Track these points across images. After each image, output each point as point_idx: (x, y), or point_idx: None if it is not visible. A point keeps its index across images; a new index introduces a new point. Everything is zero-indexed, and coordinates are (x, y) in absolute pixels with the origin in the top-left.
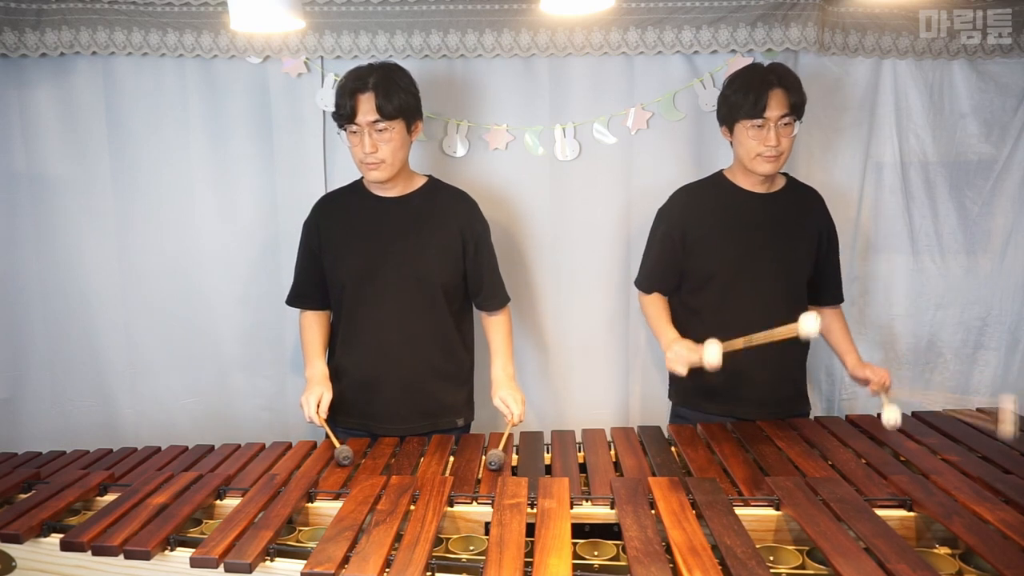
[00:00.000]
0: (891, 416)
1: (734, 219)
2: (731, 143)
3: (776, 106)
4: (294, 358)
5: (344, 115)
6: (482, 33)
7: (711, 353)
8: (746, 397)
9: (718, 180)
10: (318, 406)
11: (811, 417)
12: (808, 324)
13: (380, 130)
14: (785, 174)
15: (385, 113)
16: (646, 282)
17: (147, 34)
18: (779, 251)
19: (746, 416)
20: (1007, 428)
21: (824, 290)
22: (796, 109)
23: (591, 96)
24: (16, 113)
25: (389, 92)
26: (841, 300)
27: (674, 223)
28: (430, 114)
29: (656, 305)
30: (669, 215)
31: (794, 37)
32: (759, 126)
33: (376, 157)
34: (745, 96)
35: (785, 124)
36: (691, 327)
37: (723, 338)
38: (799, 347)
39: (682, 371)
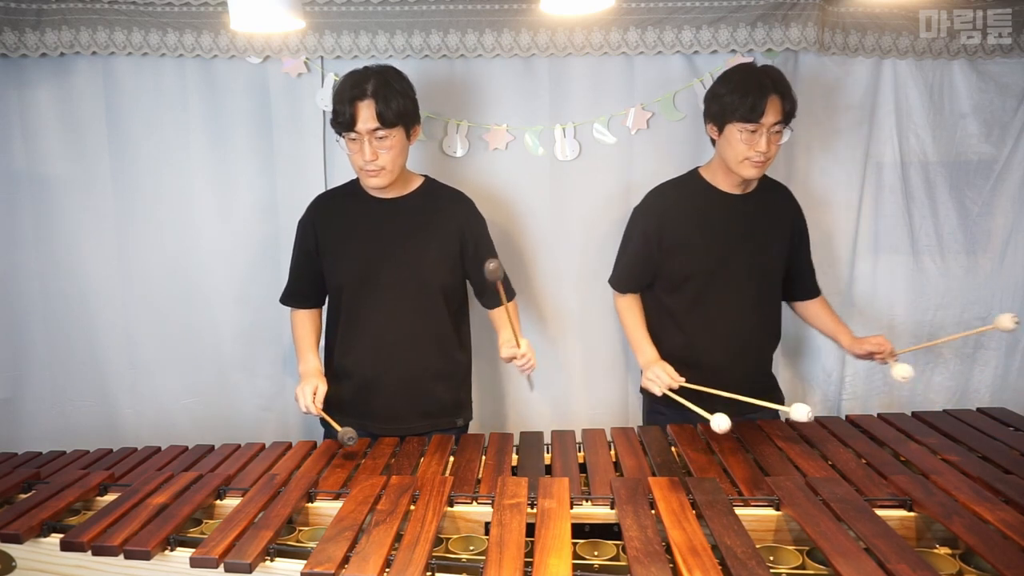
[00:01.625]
0: (902, 371)
1: (711, 221)
2: (714, 141)
3: (772, 113)
4: (294, 358)
5: (343, 123)
6: (482, 33)
7: (720, 422)
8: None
9: (694, 179)
10: (314, 396)
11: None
12: (800, 412)
13: (380, 138)
14: None
15: (385, 121)
16: (621, 282)
17: (147, 34)
18: (754, 252)
19: (723, 410)
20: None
21: (800, 285)
22: (788, 117)
23: (591, 96)
24: (16, 113)
25: (388, 98)
26: (818, 293)
27: (651, 223)
28: (430, 114)
29: (632, 312)
30: (646, 214)
31: (794, 37)
32: (752, 131)
33: (376, 165)
34: (742, 99)
35: (776, 131)
36: (665, 327)
37: (698, 338)
38: (773, 343)
39: (657, 393)
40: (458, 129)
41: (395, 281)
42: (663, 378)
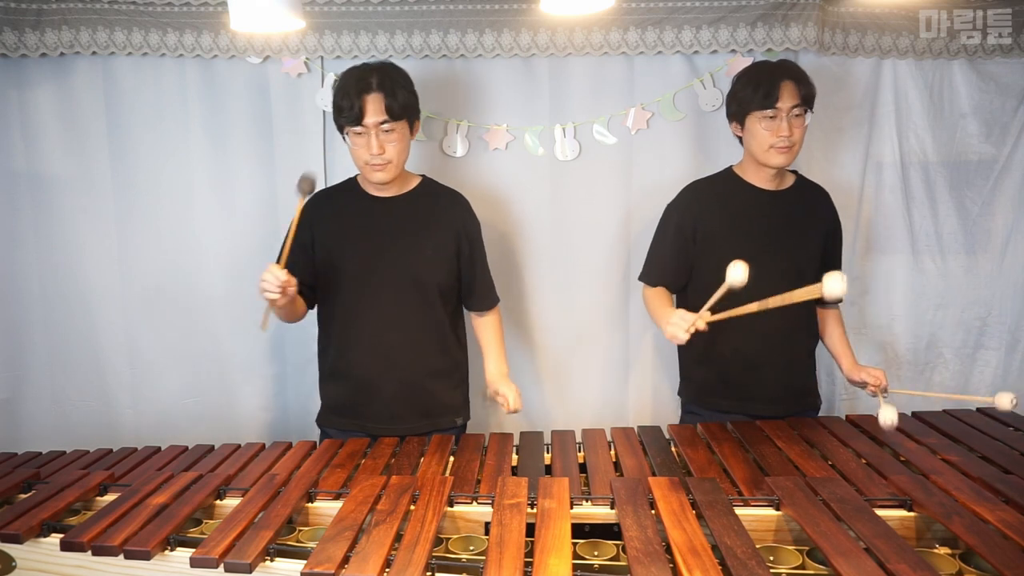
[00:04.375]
0: (888, 416)
1: (743, 217)
2: (740, 140)
3: (788, 97)
4: (294, 358)
5: (350, 117)
6: (482, 33)
7: (737, 271)
8: (757, 393)
9: (728, 176)
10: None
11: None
12: (833, 285)
13: (387, 131)
14: (794, 172)
15: (393, 113)
16: (652, 276)
17: (147, 34)
18: (787, 250)
19: (758, 412)
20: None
21: None
22: (807, 100)
23: (591, 96)
24: (16, 113)
25: (395, 91)
26: (839, 301)
27: (685, 218)
28: (430, 114)
29: (659, 297)
30: (680, 210)
31: (794, 37)
32: (771, 117)
33: (383, 158)
34: (756, 89)
35: (796, 115)
36: None
37: (731, 336)
38: (810, 341)
39: (684, 337)
40: (458, 129)
41: (391, 279)
42: (681, 324)
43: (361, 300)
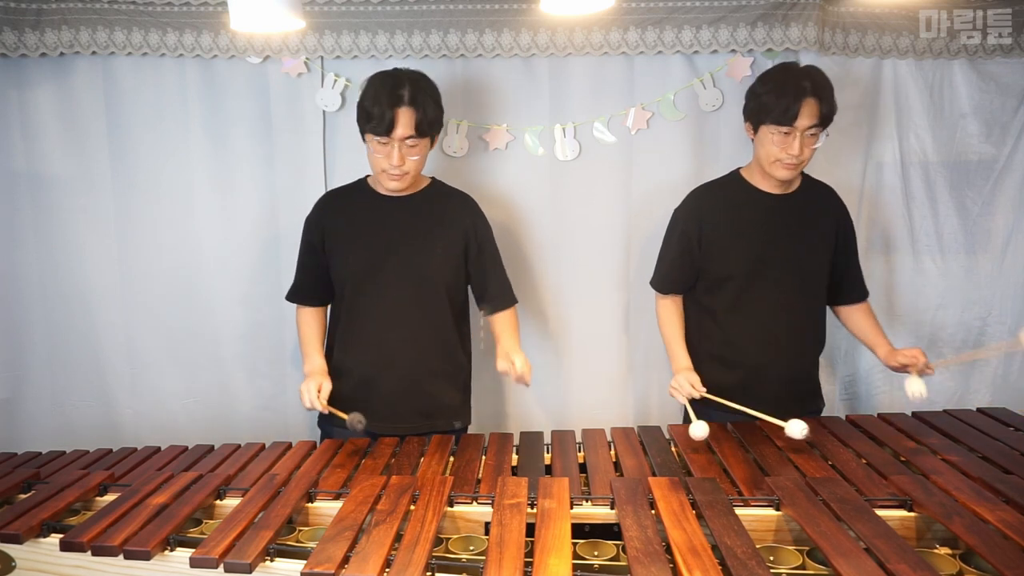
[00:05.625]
0: (915, 387)
1: (750, 220)
2: (752, 139)
3: (807, 116)
4: (294, 358)
5: (378, 128)
6: (482, 33)
7: (698, 429)
8: (761, 394)
9: (735, 179)
10: (319, 394)
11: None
12: (794, 429)
13: (411, 145)
14: (802, 172)
15: (421, 130)
16: (663, 283)
17: (147, 34)
18: (795, 252)
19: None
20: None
21: (847, 289)
22: (825, 120)
23: (591, 96)
24: (16, 113)
25: (426, 107)
26: (866, 295)
27: (691, 223)
28: None
29: (671, 317)
30: (686, 215)
31: (794, 37)
32: (785, 133)
33: (401, 170)
34: (778, 100)
35: (811, 134)
36: (705, 326)
37: (737, 339)
38: (815, 346)
39: (680, 401)
40: (458, 129)
41: (399, 278)
42: (685, 387)
43: (366, 298)
